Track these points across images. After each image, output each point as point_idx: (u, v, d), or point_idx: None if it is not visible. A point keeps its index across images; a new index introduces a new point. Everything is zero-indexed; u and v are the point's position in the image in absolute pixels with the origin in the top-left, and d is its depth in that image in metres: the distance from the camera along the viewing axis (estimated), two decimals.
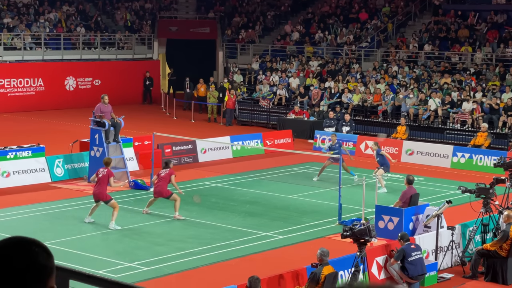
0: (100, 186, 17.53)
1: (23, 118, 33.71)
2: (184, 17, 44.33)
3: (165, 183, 18.36)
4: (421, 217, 16.64)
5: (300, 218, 18.74)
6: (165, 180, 18.37)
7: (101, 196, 17.49)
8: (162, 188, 18.34)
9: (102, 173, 17.64)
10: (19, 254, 2.54)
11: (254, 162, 26.01)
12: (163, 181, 18.37)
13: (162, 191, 18.34)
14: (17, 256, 2.54)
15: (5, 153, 21.83)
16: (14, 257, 2.53)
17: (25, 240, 2.59)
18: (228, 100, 33.85)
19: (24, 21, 38.48)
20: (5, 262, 2.53)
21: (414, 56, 35.71)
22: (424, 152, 26.51)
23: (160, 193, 18.35)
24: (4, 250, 2.56)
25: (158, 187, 18.39)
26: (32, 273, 2.53)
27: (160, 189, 18.34)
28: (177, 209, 18.29)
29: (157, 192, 18.40)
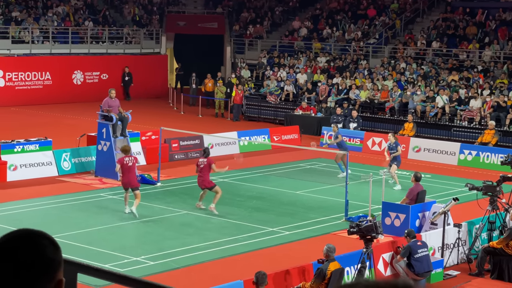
0: (130, 174, 17.80)
1: (30, 111, 33.78)
2: (192, 12, 44.32)
3: (206, 173, 18.23)
4: (427, 214, 16.62)
5: (307, 214, 18.74)
6: (205, 170, 18.23)
7: (135, 183, 17.78)
8: (204, 177, 18.21)
9: (130, 161, 17.76)
10: (26, 246, 2.54)
11: (261, 157, 26.00)
12: (204, 171, 18.24)
13: (205, 180, 18.21)
14: (24, 249, 2.53)
15: (12, 147, 21.88)
16: (21, 249, 2.53)
17: (33, 233, 2.58)
18: (235, 95, 33.85)
19: (32, 15, 38.53)
20: (12, 254, 2.52)
21: (422, 53, 35.62)
22: (431, 149, 26.45)
23: (203, 184, 18.26)
24: (11, 242, 2.55)
25: (200, 178, 18.31)
26: (39, 266, 2.53)
27: (203, 179, 18.23)
28: (215, 201, 18.21)
29: (200, 183, 18.32)
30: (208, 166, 18.26)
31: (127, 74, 38.96)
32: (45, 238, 2.58)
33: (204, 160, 18.37)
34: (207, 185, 18.29)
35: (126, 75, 38.95)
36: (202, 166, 18.29)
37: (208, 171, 18.27)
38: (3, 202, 18.96)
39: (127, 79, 38.98)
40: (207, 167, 18.25)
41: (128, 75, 38.95)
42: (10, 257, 2.52)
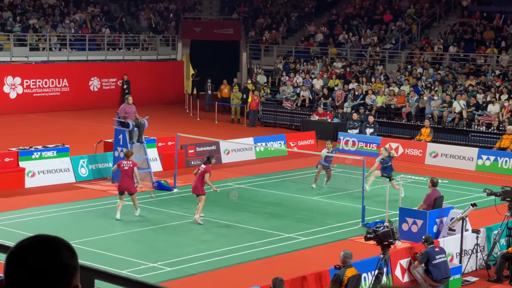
0: (127, 178, 17.85)
1: (48, 118, 33.97)
2: (208, 18, 44.43)
3: (199, 179, 18.14)
4: (445, 220, 16.52)
5: (323, 220, 18.69)
6: (199, 176, 18.17)
7: (129, 188, 17.89)
8: (196, 184, 18.13)
9: (127, 165, 17.78)
10: (43, 252, 2.54)
11: (277, 163, 25.98)
12: (198, 177, 18.17)
13: (196, 187, 18.12)
14: (41, 254, 2.53)
15: (30, 153, 21.99)
16: (38, 255, 2.53)
17: (50, 239, 2.59)
18: (251, 101, 33.86)
19: (49, 22, 38.79)
20: (29, 260, 2.53)
21: (439, 57, 35.48)
22: (448, 154, 26.31)
23: (194, 188, 18.19)
24: (28, 248, 2.56)
25: (193, 183, 18.29)
26: (56, 271, 2.53)
27: (195, 185, 18.18)
28: (199, 212, 18.11)
29: (192, 188, 18.29)
30: (203, 174, 18.05)
31: (125, 82, 38.22)
32: (62, 244, 2.58)
33: (203, 167, 18.29)
34: (197, 191, 18.09)
35: (125, 83, 38.24)
36: (200, 172, 18.19)
37: (202, 179, 18.14)
38: (21, 208, 19.06)
39: (125, 87, 38.11)
40: (202, 175, 18.11)
41: (127, 83, 38.19)
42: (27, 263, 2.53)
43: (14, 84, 35.08)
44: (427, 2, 39.42)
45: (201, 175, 18.09)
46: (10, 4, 38.79)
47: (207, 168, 18.14)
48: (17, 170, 21.32)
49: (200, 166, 18.45)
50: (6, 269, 2.55)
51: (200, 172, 18.13)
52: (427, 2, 39.48)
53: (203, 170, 18.11)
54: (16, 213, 18.59)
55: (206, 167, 18.17)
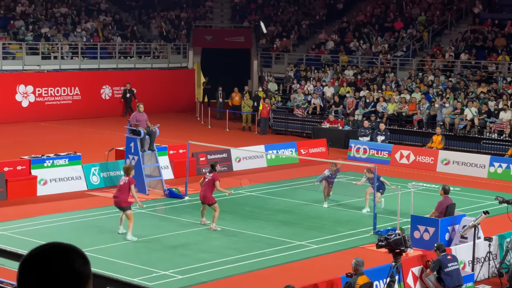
0: (120, 193, 17.27)
1: (60, 126, 34.10)
2: (219, 26, 44.54)
3: (208, 188, 18.07)
4: (457, 228, 16.45)
5: (335, 228, 18.66)
6: (208, 185, 18.08)
7: (121, 202, 17.21)
8: (205, 193, 18.07)
9: (123, 181, 17.55)
10: (56, 260, 2.55)
11: (288, 171, 25.97)
12: (207, 186, 18.09)
13: (205, 196, 18.08)
14: (54, 262, 2.55)
15: (42, 161, 22.08)
16: (51, 263, 2.54)
17: (63, 246, 2.60)
18: (262, 109, 33.90)
19: (61, 31, 38.99)
20: (42, 267, 2.54)
21: (450, 65, 35.40)
22: (460, 162, 26.22)
23: (204, 198, 18.14)
24: (41, 255, 2.57)
25: (202, 192, 18.19)
26: (68, 279, 2.54)
27: (204, 194, 18.11)
28: (215, 220, 18.07)
29: (201, 197, 18.22)
30: (212, 182, 18.01)
31: (129, 91, 37.99)
32: (75, 252, 2.59)
33: (210, 175, 18.20)
34: (208, 201, 18.03)
35: (128, 91, 38.04)
36: (207, 180, 18.12)
37: (211, 187, 18.08)
38: (33, 216, 19.13)
39: (128, 96, 37.97)
40: (211, 183, 18.03)
41: (130, 91, 37.98)
42: (40, 270, 2.54)
43: (26, 92, 35.26)
44: (438, 10, 39.37)
45: (210, 184, 18.02)
46: (22, 13, 39.02)
47: (215, 176, 18.09)
48: (29, 178, 21.41)
49: (206, 175, 18.40)
50: (19, 277, 2.56)
51: (208, 180, 18.06)
52: (438, 9, 39.42)
53: (212, 178, 18.04)
54: (28, 221, 18.66)
55: (214, 174, 18.11)
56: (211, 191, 18.08)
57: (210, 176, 18.11)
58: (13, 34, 37.50)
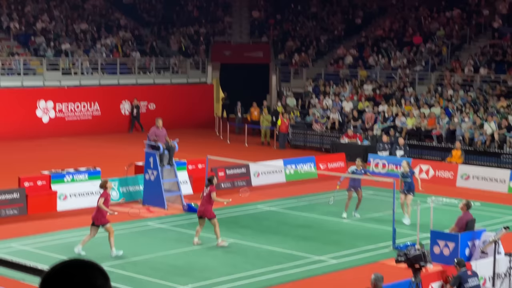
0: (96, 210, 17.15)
1: (80, 141, 34.32)
2: (238, 41, 44.71)
3: (208, 202, 18.07)
4: (477, 243, 16.34)
5: (354, 242, 18.59)
6: (207, 199, 18.09)
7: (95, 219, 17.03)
8: (205, 207, 18.05)
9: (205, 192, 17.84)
10: (78, 276, 2.58)
11: (307, 186, 25.95)
12: (206, 200, 18.10)
13: (205, 211, 18.04)
14: (76, 279, 2.58)
15: (62, 177, 22.23)
16: (73, 279, 2.57)
17: (84, 263, 2.63)
18: (281, 123, 33.93)
19: (81, 47, 39.34)
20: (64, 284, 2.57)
21: (470, 79, 35.27)
22: (480, 176, 26.06)
23: (203, 213, 18.09)
24: (63, 272, 2.60)
25: (201, 207, 18.21)
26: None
27: (204, 209, 18.08)
28: (219, 235, 18.01)
29: (201, 212, 18.19)
30: (209, 195, 17.98)
31: (135, 107, 37.89)
32: (96, 269, 2.62)
33: (207, 190, 18.18)
34: (208, 215, 17.95)
35: (135, 107, 37.94)
36: (205, 195, 18.12)
37: (211, 200, 18.05)
38: (53, 231, 19.24)
39: (135, 112, 37.83)
40: (209, 196, 18.03)
41: (136, 107, 37.85)
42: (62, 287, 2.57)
43: (47, 108, 35.56)
44: (457, 24, 39.29)
45: (208, 197, 18.02)
46: (43, 29, 39.43)
47: (211, 188, 18.08)
48: (50, 193, 21.56)
49: (204, 190, 18.39)
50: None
51: (207, 194, 18.05)
52: (457, 24, 39.34)
53: (209, 191, 18.03)
54: (49, 236, 18.77)
55: (211, 187, 18.12)
56: (211, 205, 18.12)
57: (208, 190, 18.13)
58: (33, 50, 37.89)
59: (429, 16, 40.94)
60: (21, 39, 38.62)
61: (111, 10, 44.58)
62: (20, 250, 17.33)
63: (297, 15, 45.57)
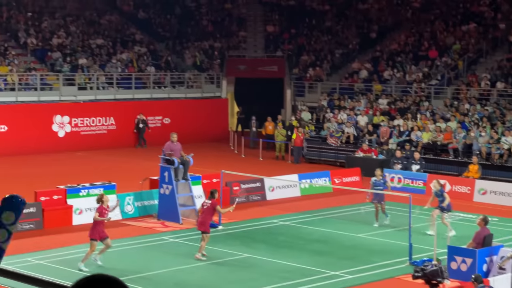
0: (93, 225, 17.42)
1: (95, 156, 34.42)
2: (252, 55, 44.79)
3: (207, 215, 18.18)
4: (495, 259, 16.18)
5: (369, 258, 18.47)
6: (207, 212, 18.19)
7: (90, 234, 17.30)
8: (204, 220, 18.15)
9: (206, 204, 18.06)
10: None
11: (322, 200, 25.85)
12: (205, 213, 18.21)
13: (203, 223, 18.11)
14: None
15: (78, 191, 22.27)
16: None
17: (107, 278, 2.63)
18: (296, 138, 33.89)
19: (97, 62, 39.55)
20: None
21: (486, 93, 35.10)
22: (497, 191, 25.86)
23: (201, 225, 18.15)
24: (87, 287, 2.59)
25: (200, 219, 18.33)
26: None
27: (202, 221, 18.18)
28: (201, 250, 18.00)
29: (199, 224, 18.28)
30: (212, 208, 18.11)
31: (142, 121, 37.75)
32: (119, 284, 2.61)
33: (208, 202, 18.29)
34: (204, 228, 18.03)
35: (140, 121, 37.58)
36: (206, 207, 18.21)
37: (210, 214, 18.18)
38: (69, 245, 19.25)
39: (141, 126, 37.57)
40: (211, 210, 18.14)
41: (143, 122, 37.64)
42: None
43: (63, 122, 35.72)
44: (473, 38, 39.17)
45: (209, 210, 18.14)
46: (59, 45, 39.68)
47: (214, 201, 18.21)
48: (65, 208, 21.61)
49: (204, 202, 18.50)
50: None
51: (207, 208, 18.18)
52: (473, 38, 39.22)
53: (211, 204, 18.17)
54: (64, 250, 18.78)
55: (213, 201, 18.22)
56: (210, 218, 18.25)
57: (209, 203, 18.21)
58: (50, 65, 38.13)
59: (445, 30, 40.83)
60: (38, 55, 38.89)
61: (127, 25, 44.82)
62: (36, 264, 17.34)
63: (311, 29, 45.61)
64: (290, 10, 47.44)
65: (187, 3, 48.08)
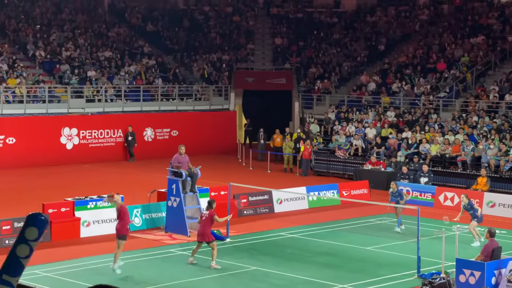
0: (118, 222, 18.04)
1: (103, 168, 34.46)
2: (261, 68, 44.86)
3: (206, 225, 18.26)
4: (504, 272, 16.08)
5: (378, 271, 18.39)
6: (206, 222, 18.28)
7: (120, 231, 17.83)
8: (204, 230, 18.26)
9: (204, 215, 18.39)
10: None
11: (330, 213, 25.79)
12: (204, 223, 18.31)
13: (204, 234, 18.22)
14: None
15: (85, 203, 22.28)
16: None
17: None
18: (304, 150, 33.86)
19: (105, 74, 39.67)
20: None
21: (495, 106, 35.01)
22: (506, 204, 25.75)
23: (203, 236, 18.24)
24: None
25: (200, 230, 18.42)
26: None
27: (202, 232, 18.28)
28: (214, 258, 18.16)
29: (200, 235, 18.35)
30: (210, 218, 18.24)
31: (130, 134, 36.90)
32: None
33: (206, 213, 18.43)
34: (206, 238, 18.17)
35: (130, 134, 36.91)
36: (204, 218, 18.34)
37: (209, 224, 18.26)
38: (77, 258, 19.24)
39: (130, 139, 36.88)
40: (209, 220, 18.25)
41: (132, 134, 37.08)
42: None
43: (71, 135, 35.81)
44: (482, 51, 39.12)
45: (208, 221, 18.26)
46: (68, 57, 39.84)
47: (211, 212, 18.37)
48: (73, 220, 21.62)
49: (203, 213, 18.68)
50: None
51: (206, 218, 18.33)
52: (482, 50, 39.18)
53: (209, 214, 18.32)
54: (72, 262, 18.78)
55: (210, 211, 18.38)
56: (209, 228, 18.33)
57: (207, 214, 18.30)
58: (58, 78, 38.27)
59: (453, 43, 40.82)
60: (46, 67, 39.05)
61: (135, 38, 44.99)
62: (44, 276, 17.34)
63: (319, 41, 45.67)
64: (298, 23, 47.54)
65: (195, 15, 48.24)
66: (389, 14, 45.97)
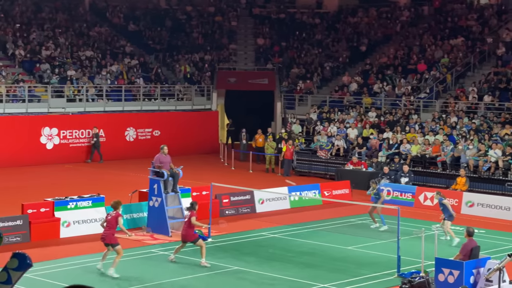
0: (107, 229, 17.65)
1: (84, 168, 34.35)
2: (243, 68, 44.91)
3: (188, 226, 18.44)
4: (482, 271, 16.24)
5: (358, 270, 18.50)
6: (187, 224, 18.49)
7: (108, 239, 17.55)
8: (186, 232, 18.43)
9: (110, 215, 17.80)
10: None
11: (311, 213, 25.88)
12: (187, 225, 18.50)
13: (186, 235, 18.41)
14: None
15: (66, 203, 22.20)
16: None
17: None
18: (286, 150, 33.95)
19: (87, 74, 39.52)
20: None
21: (474, 107, 35.30)
22: (484, 204, 25.98)
23: (185, 237, 18.42)
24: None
25: (183, 231, 18.60)
26: None
27: (185, 233, 18.47)
28: (204, 256, 18.32)
29: (183, 236, 18.52)
30: (190, 220, 18.42)
31: (95, 135, 36.31)
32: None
33: (188, 214, 18.66)
34: (189, 239, 18.38)
35: (94, 136, 36.34)
36: (186, 219, 18.56)
37: (191, 225, 18.44)
38: (56, 258, 19.19)
39: (95, 140, 36.31)
40: (189, 221, 18.45)
41: (96, 135, 36.31)
42: None
43: (51, 135, 35.64)
44: (461, 52, 39.42)
45: (188, 222, 18.44)
46: (48, 56, 39.64)
47: (192, 213, 18.52)
48: (53, 220, 21.53)
49: (186, 215, 18.94)
50: None
51: (187, 220, 18.52)
52: (461, 51, 39.48)
53: (189, 215, 18.49)
54: (52, 263, 18.71)
55: (191, 212, 18.53)
56: (192, 229, 18.46)
57: (188, 215, 18.52)
58: (38, 77, 38.08)
59: (433, 44, 41.10)
60: (26, 66, 38.84)
61: (117, 37, 44.86)
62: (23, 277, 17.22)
63: (302, 42, 45.79)
64: (280, 23, 47.64)
65: (177, 15, 48.18)
66: (371, 15, 46.19)
